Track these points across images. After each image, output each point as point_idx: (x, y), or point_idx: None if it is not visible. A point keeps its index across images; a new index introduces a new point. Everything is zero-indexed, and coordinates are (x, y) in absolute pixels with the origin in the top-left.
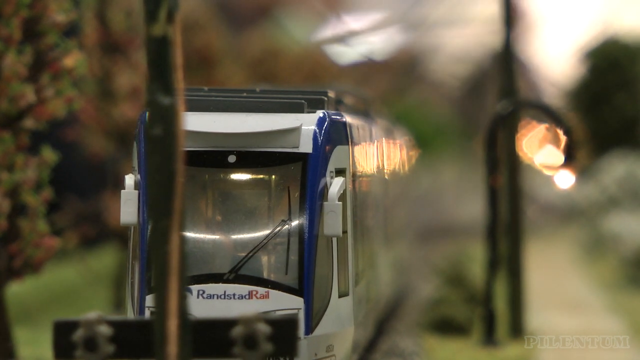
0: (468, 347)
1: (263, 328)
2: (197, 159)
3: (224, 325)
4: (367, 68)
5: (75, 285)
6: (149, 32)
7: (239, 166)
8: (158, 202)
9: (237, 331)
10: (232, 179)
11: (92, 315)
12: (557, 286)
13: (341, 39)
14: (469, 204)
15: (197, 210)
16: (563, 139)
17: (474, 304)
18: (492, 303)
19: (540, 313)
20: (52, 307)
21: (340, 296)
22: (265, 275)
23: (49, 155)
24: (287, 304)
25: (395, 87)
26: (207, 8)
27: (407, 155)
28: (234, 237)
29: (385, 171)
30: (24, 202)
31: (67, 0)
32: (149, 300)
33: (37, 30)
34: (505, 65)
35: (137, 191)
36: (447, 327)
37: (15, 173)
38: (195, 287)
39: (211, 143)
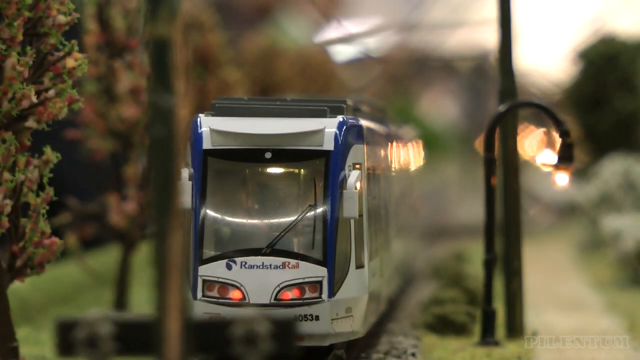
0: (467, 346)
1: (263, 328)
2: (240, 156)
3: (225, 324)
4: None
5: (77, 285)
6: (150, 33)
7: (274, 161)
8: (159, 202)
9: (237, 331)
10: (268, 172)
11: (93, 313)
12: (556, 285)
13: (340, 40)
14: (472, 203)
15: (239, 198)
16: (560, 139)
17: (474, 304)
18: (490, 302)
19: (540, 312)
20: (53, 306)
21: (357, 268)
22: (295, 250)
23: (51, 155)
24: (313, 273)
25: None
26: (207, 8)
27: (415, 154)
28: (270, 219)
29: (395, 167)
30: (26, 202)
31: (69, 1)
32: (201, 270)
33: (38, 31)
34: (504, 65)
35: (190, 182)
36: (446, 326)
37: (17, 173)
38: (238, 260)
39: (251, 142)
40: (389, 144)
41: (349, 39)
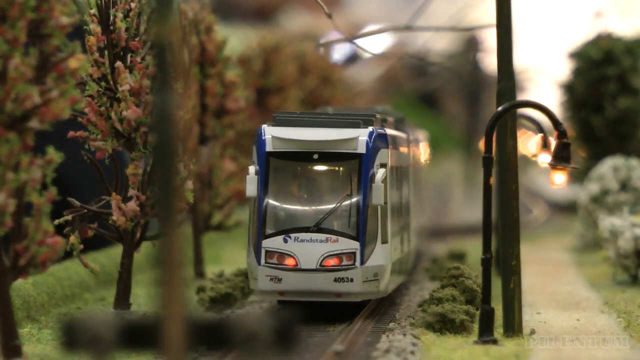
0: (465, 344)
1: (264, 324)
2: (294, 156)
3: (226, 321)
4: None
5: (79, 284)
6: (153, 36)
7: (319, 161)
8: (161, 202)
9: (239, 327)
10: (315, 169)
11: (95, 311)
12: (554, 284)
13: (339, 41)
14: (474, 202)
15: (293, 188)
16: (558, 139)
17: (473, 303)
18: (489, 301)
19: (538, 311)
20: (55, 305)
21: (382, 243)
22: (335, 228)
23: (54, 155)
24: (349, 246)
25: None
26: (209, 8)
27: (425, 153)
28: (316, 205)
29: (411, 165)
30: (29, 201)
31: (71, 3)
32: (264, 243)
33: (41, 32)
34: (504, 65)
35: (256, 176)
36: (445, 325)
37: (21, 173)
38: (292, 235)
39: (303, 146)
40: (407, 146)
41: (348, 40)
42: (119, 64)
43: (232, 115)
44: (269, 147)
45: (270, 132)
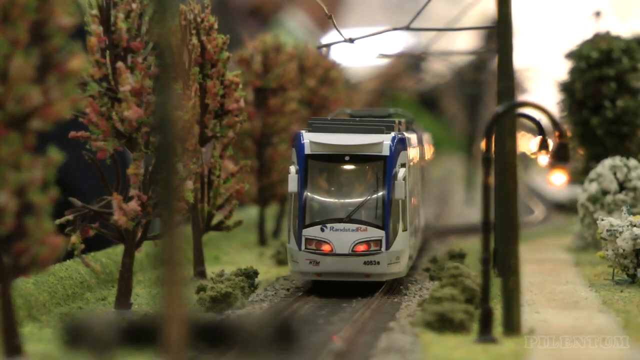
0: (464, 343)
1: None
2: (329, 158)
3: (227, 321)
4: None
5: (80, 284)
6: (155, 36)
7: (350, 162)
8: (163, 202)
9: (239, 327)
10: (347, 169)
11: (97, 309)
12: (552, 283)
13: (339, 42)
14: (474, 202)
15: (328, 185)
16: (557, 139)
17: (472, 302)
18: (488, 300)
19: (536, 310)
20: (57, 304)
21: (402, 231)
22: (364, 219)
23: (55, 155)
24: (376, 234)
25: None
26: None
27: (431, 152)
28: (348, 199)
29: (422, 163)
30: (31, 201)
31: (73, 3)
32: (304, 232)
33: (43, 33)
34: (503, 65)
35: (297, 175)
36: (444, 324)
37: (22, 172)
38: (328, 225)
39: (336, 150)
40: (419, 147)
41: (348, 42)
42: (120, 64)
43: (233, 116)
44: (307, 150)
45: (308, 137)
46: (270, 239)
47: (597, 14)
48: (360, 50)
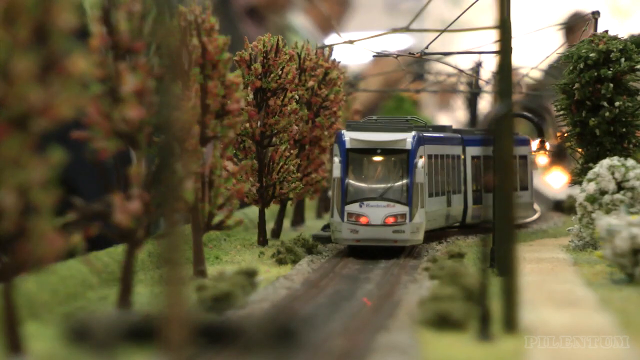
0: (463, 342)
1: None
2: (365, 151)
3: (228, 320)
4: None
5: (82, 283)
6: (158, 37)
7: (382, 154)
8: (165, 202)
9: (241, 326)
10: (379, 160)
11: (99, 309)
12: (551, 283)
13: (341, 43)
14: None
15: (364, 172)
16: (554, 140)
17: (471, 301)
18: (487, 299)
19: (535, 309)
20: (59, 304)
21: (421, 208)
22: (392, 197)
23: (57, 155)
24: (402, 209)
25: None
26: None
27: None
28: (380, 183)
29: (434, 157)
30: (33, 200)
31: (75, 4)
32: (346, 208)
33: (45, 33)
34: (502, 66)
35: (340, 164)
36: (443, 322)
37: (24, 172)
38: (365, 202)
39: (370, 145)
40: (437, 145)
41: (349, 43)
42: (121, 64)
43: (233, 116)
44: (348, 145)
45: (348, 135)
46: (270, 239)
47: (597, 14)
48: (360, 50)
